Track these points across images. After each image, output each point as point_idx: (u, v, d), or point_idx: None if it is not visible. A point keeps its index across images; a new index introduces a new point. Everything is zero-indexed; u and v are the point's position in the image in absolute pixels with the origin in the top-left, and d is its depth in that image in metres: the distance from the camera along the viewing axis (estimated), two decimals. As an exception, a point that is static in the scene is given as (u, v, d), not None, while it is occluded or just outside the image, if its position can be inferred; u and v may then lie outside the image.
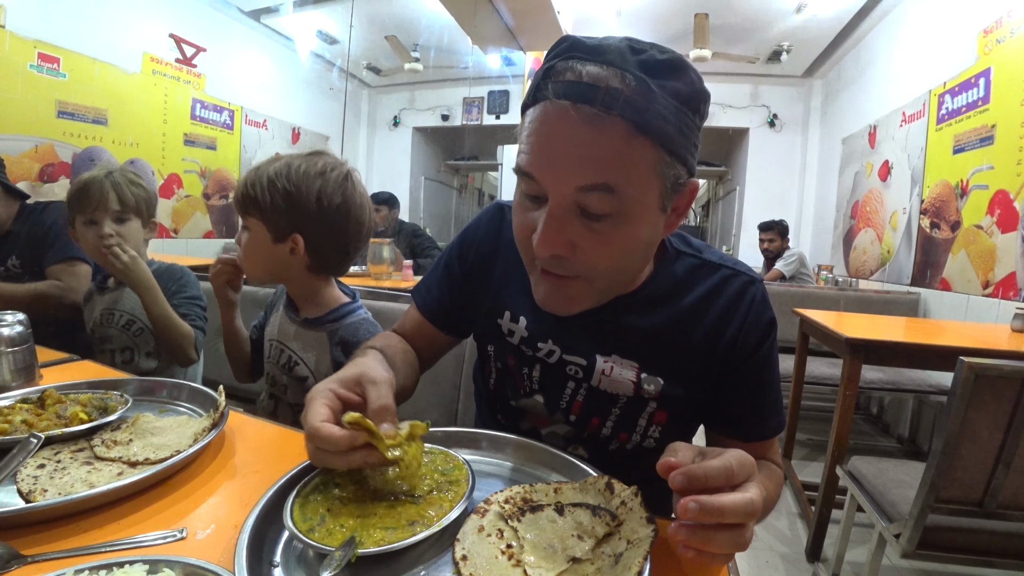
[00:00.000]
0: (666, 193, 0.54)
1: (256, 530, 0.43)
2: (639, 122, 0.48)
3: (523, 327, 0.70)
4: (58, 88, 3.09)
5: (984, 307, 2.41)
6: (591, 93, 0.48)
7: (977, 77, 2.59)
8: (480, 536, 0.42)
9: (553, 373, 0.70)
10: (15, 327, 0.77)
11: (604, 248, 0.54)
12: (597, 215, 0.52)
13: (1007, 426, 1.04)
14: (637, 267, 0.63)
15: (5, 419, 0.61)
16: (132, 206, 1.23)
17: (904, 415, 2.93)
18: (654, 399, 0.67)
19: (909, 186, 3.18)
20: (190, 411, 0.74)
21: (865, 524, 1.76)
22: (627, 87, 0.48)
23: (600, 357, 0.67)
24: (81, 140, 3.25)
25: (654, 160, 0.51)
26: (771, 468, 0.69)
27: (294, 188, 0.90)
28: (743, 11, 4.01)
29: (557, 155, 0.51)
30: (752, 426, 0.69)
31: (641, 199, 0.52)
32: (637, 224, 0.54)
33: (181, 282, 1.30)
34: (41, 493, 0.49)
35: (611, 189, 0.50)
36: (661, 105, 0.49)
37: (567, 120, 0.49)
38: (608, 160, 0.49)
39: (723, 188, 6.91)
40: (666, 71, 0.51)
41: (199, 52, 4.01)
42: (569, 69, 0.50)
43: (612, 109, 0.47)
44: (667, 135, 0.50)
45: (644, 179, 0.51)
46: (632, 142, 0.49)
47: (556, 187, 0.52)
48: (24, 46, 2.91)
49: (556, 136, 0.50)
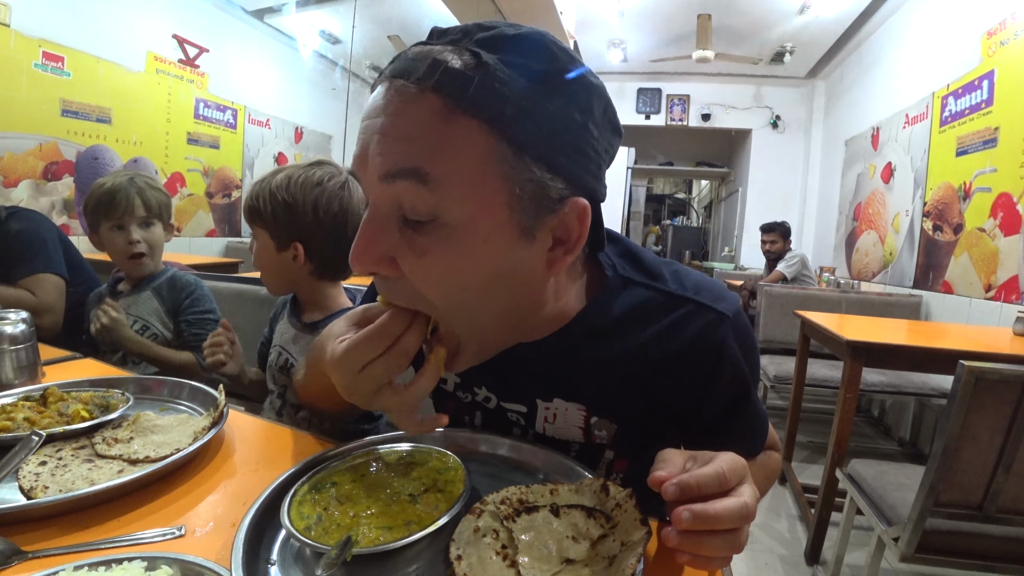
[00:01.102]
0: (519, 205, 0.42)
1: (253, 528, 0.44)
2: (459, 96, 0.39)
3: (453, 373, 0.63)
4: (62, 87, 3.10)
5: (986, 310, 2.41)
6: (409, 67, 0.40)
7: (981, 79, 2.59)
8: (475, 537, 0.43)
9: (495, 418, 0.63)
10: (19, 325, 0.78)
11: (427, 271, 0.43)
12: (414, 220, 0.42)
13: (1007, 430, 1.04)
14: (495, 306, 0.48)
15: (8, 416, 0.62)
16: (156, 211, 1.27)
17: (906, 418, 2.92)
18: (608, 446, 0.59)
19: (912, 188, 3.17)
20: (190, 410, 0.74)
21: (864, 527, 1.76)
22: (458, 60, 0.40)
23: (541, 403, 0.59)
24: (85, 139, 3.27)
25: (486, 150, 0.40)
26: (767, 454, 0.66)
27: (292, 199, 0.95)
28: (746, 12, 4.00)
29: (368, 140, 0.42)
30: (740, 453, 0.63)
31: (471, 203, 0.41)
32: (470, 242, 0.42)
33: (193, 296, 1.29)
34: (43, 490, 0.49)
35: (423, 178, 0.40)
36: (500, 80, 0.39)
37: (383, 98, 0.41)
38: (415, 139, 0.40)
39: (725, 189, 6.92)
40: (516, 47, 0.41)
41: (202, 53, 4.02)
42: (407, 50, 0.42)
43: (426, 81, 0.39)
44: (505, 119, 0.40)
45: (472, 174, 0.40)
46: (451, 122, 0.39)
47: (365, 178, 0.44)
48: (29, 45, 2.92)
49: (369, 119, 0.43)
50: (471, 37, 0.41)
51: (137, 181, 1.26)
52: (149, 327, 1.26)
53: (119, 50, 3.42)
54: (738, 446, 0.53)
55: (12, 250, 1.44)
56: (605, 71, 5.43)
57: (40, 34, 2.96)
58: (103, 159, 3.37)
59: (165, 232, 1.32)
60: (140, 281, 1.30)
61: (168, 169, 3.88)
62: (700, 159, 6.92)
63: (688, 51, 4.43)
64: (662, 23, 4.34)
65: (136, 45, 3.55)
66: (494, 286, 0.46)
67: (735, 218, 5.82)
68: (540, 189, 0.42)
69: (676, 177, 9.16)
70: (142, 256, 1.26)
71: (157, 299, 1.29)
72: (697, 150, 6.86)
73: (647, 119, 5.54)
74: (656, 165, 7.05)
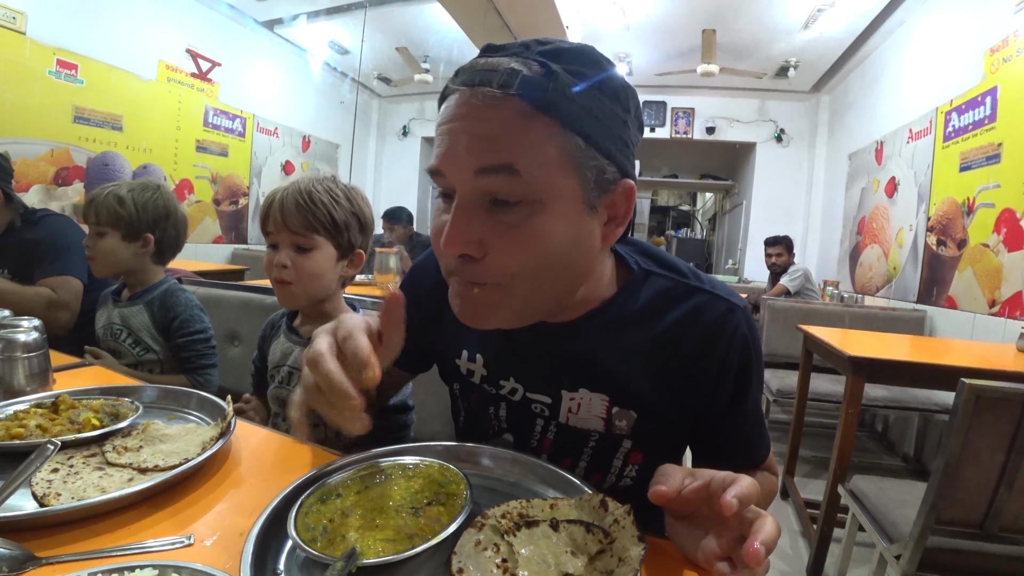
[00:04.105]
0: (586, 184, 0.50)
1: (261, 538, 0.45)
2: (539, 100, 0.46)
3: (481, 365, 0.68)
4: (75, 94, 3.16)
5: (990, 326, 2.40)
6: (489, 76, 0.47)
7: (984, 95, 2.60)
8: (476, 550, 0.44)
9: (519, 410, 0.67)
10: (31, 333, 0.79)
11: (516, 244, 0.49)
12: (506, 201, 0.48)
13: (1009, 448, 1.04)
14: (566, 274, 0.54)
15: (20, 423, 0.63)
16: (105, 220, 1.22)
17: (909, 433, 2.91)
18: (627, 437, 0.63)
19: (916, 203, 3.18)
20: (198, 419, 0.75)
21: (867, 544, 1.75)
22: (528, 69, 0.47)
23: (566, 393, 0.63)
24: (96, 145, 3.32)
25: (563, 143, 0.48)
26: (765, 476, 0.69)
27: (358, 208, 1.01)
28: (751, 27, 4.04)
29: (457, 141, 0.48)
30: (742, 459, 0.66)
31: (554, 185, 0.48)
32: (553, 217, 0.49)
33: (181, 318, 1.24)
34: (55, 497, 0.50)
35: (514, 170, 0.47)
36: (566, 84, 0.47)
37: (465, 105, 0.48)
38: (506, 137, 0.47)
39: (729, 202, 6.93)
40: (572, 57, 0.49)
41: (214, 67, 4.08)
42: (477, 62, 0.50)
43: (508, 88, 0.46)
44: (578, 117, 0.48)
45: (553, 163, 0.48)
46: (533, 121, 0.47)
47: (458, 174, 0.49)
48: (44, 52, 2.98)
49: (455, 122, 0.49)
50: (532, 50, 0.49)
51: (111, 188, 1.24)
52: (140, 341, 1.25)
53: (132, 59, 3.48)
54: (745, 446, 0.64)
55: (39, 250, 1.52)
56: (610, 83, 5.47)
57: (55, 42, 3.02)
58: (113, 165, 3.42)
59: (127, 243, 1.25)
60: (136, 292, 1.29)
61: (177, 176, 3.93)
62: (704, 172, 6.94)
63: (693, 65, 4.47)
64: (667, 38, 4.38)
65: (148, 54, 3.62)
66: (567, 255, 0.52)
67: (739, 231, 5.83)
68: (600, 172, 0.50)
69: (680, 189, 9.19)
70: (92, 259, 1.25)
71: (148, 313, 1.26)
72: (701, 163, 6.89)
73: (652, 131, 5.57)
74: (661, 177, 7.08)
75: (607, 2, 3.80)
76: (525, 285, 0.52)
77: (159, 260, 1.33)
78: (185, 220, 1.38)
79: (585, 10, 3.88)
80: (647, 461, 0.65)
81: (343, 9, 4.21)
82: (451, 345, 0.71)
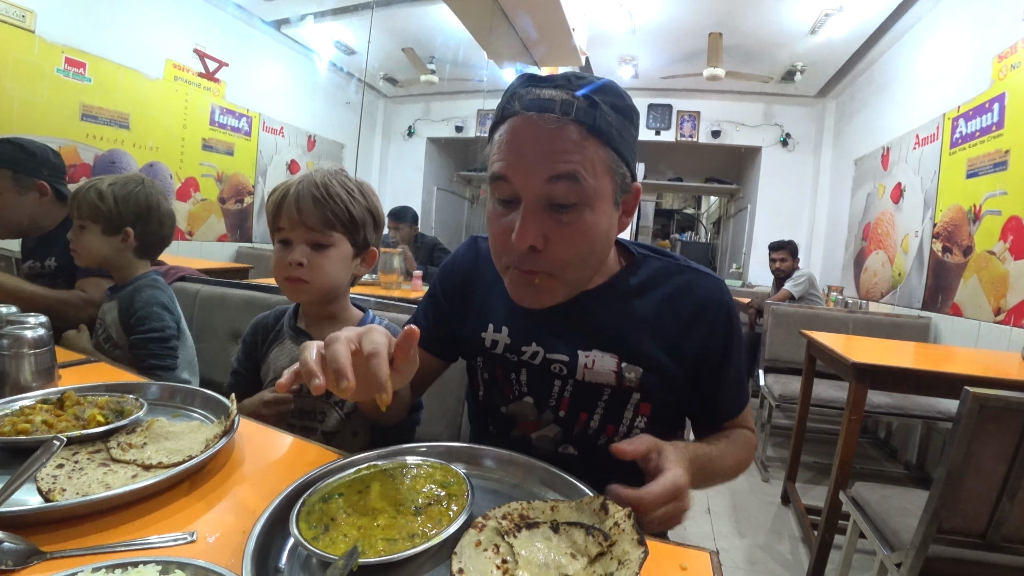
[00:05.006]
0: (617, 189, 0.65)
1: (263, 536, 0.45)
2: (590, 125, 0.60)
3: (505, 335, 0.77)
4: (83, 92, 3.18)
5: (995, 334, 2.39)
6: (551, 105, 0.60)
7: (991, 102, 2.59)
8: (477, 551, 0.44)
9: (539, 374, 0.76)
10: (37, 330, 0.80)
11: (571, 237, 0.63)
12: (564, 205, 0.61)
13: (1012, 458, 1.04)
14: (598, 257, 0.69)
15: (26, 419, 0.64)
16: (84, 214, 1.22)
17: (912, 441, 2.89)
18: (636, 389, 0.73)
19: (921, 209, 3.16)
20: (202, 417, 0.76)
21: (867, 551, 1.74)
22: (578, 100, 0.60)
23: (582, 352, 0.73)
24: (103, 143, 3.33)
25: (606, 157, 0.62)
26: (744, 435, 0.79)
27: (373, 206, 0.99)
28: (757, 31, 4.03)
29: (527, 155, 0.61)
30: (727, 411, 0.79)
31: (599, 190, 0.62)
32: (597, 214, 0.63)
33: (139, 315, 1.21)
34: (60, 492, 0.51)
35: (575, 178, 0.60)
36: (605, 113, 0.61)
37: (534, 127, 0.60)
38: (570, 153, 0.60)
39: (734, 206, 6.91)
40: (604, 91, 0.63)
41: (221, 67, 4.10)
42: (530, 92, 0.62)
43: (568, 115, 0.59)
44: (613, 137, 0.62)
45: (600, 172, 0.62)
46: (587, 141, 0.60)
47: (529, 183, 0.61)
48: (52, 51, 3.00)
49: (526, 140, 0.61)
50: (573, 83, 0.62)
51: (93, 182, 1.23)
52: (110, 337, 1.24)
53: (139, 58, 3.50)
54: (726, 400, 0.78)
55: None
56: (616, 86, 5.46)
57: (64, 41, 3.04)
58: (120, 163, 3.44)
59: (107, 236, 1.24)
60: (116, 287, 1.29)
61: (183, 174, 3.95)
62: (709, 175, 6.92)
63: (699, 69, 4.46)
64: (673, 41, 4.37)
65: (156, 53, 3.64)
66: (603, 242, 0.67)
67: (743, 235, 5.81)
68: (624, 177, 0.66)
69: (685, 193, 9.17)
70: (74, 252, 1.25)
71: (118, 308, 1.24)
72: (706, 166, 6.87)
73: (657, 135, 5.56)
74: (665, 180, 7.06)
75: (614, 5, 3.80)
76: (574, 272, 0.66)
77: (143, 255, 1.31)
78: (171, 215, 1.34)
79: (591, 13, 3.88)
80: (655, 413, 0.74)
81: (350, 10, 4.22)
82: (478, 322, 0.80)
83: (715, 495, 2.44)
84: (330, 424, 0.94)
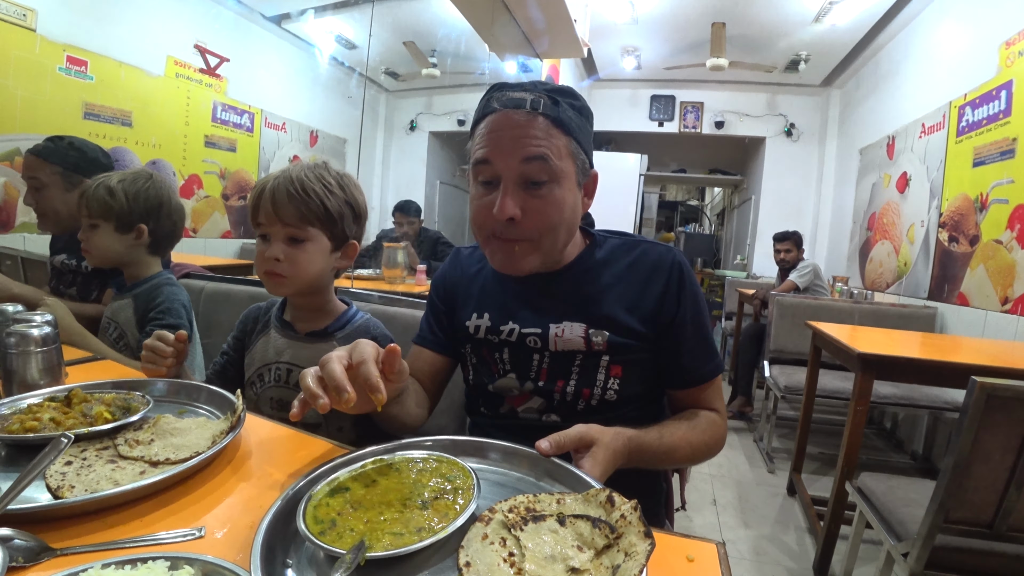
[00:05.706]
0: (579, 172, 0.78)
1: (270, 531, 0.45)
2: (555, 118, 0.73)
3: (487, 319, 0.87)
4: (85, 90, 3.18)
5: (1002, 324, 2.38)
6: (522, 102, 0.73)
7: (998, 90, 2.56)
8: (483, 544, 0.44)
9: (518, 351, 0.84)
10: (44, 328, 0.80)
11: (544, 208, 0.75)
12: (537, 182, 0.73)
13: (1019, 447, 1.03)
14: (567, 228, 0.79)
15: (34, 416, 0.65)
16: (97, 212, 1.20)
17: (918, 431, 2.89)
18: (604, 352, 0.80)
19: (927, 198, 3.14)
20: (209, 413, 0.76)
21: (874, 541, 1.74)
22: (544, 99, 0.74)
23: (553, 325, 0.82)
24: (106, 141, 3.33)
25: (568, 144, 0.75)
26: (709, 417, 0.83)
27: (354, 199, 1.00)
28: (761, 21, 3.99)
29: (505, 142, 0.73)
30: (692, 371, 0.83)
31: (565, 171, 0.75)
32: (564, 191, 0.76)
33: (159, 308, 1.20)
34: (69, 489, 0.51)
35: (545, 159, 0.72)
36: (566, 109, 0.75)
37: (510, 119, 0.73)
38: (540, 139, 0.72)
39: (738, 197, 6.87)
40: (564, 93, 0.77)
41: (223, 62, 4.09)
42: (504, 94, 0.75)
43: (537, 110, 0.73)
44: (573, 129, 0.75)
45: (564, 156, 0.75)
46: (552, 130, 0.73)
47: (508, 163, 0.73)
48: (54, 49, 2.99)
49: (503, 130, 0.73)
50: (539, 88, 0.76)
51: (102, 179, 1.21)
52: (124, 336, 1.22)
53: (141, 55, 3.49)
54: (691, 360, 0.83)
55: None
56: (619, 78, 5.43)
57: (65, 39, 3.04)
58: (123, 161, 3.44)
59: (120, 234, 1.22)
60: (130, 285, 1.27)
61: (186, 171, 3.95)
62: (713, 166, 6.88)
63: (702, 59, 4.42)
64: (676, 31, 4.33)
65: (157, 50, 3.63)
66: (571, 216, 0.78)
67: (748, 226, 5.78)
68: (583, 163, 0.79)
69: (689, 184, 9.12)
70: (87, 252, 1.23)
71: (133, 307, 1.23)
72: (710, 157, 6.83)
73: (660, 126, 5.52)
74: (669, 172, 7.02)
75: (615, -5, 3.77)
76: (548, 239, 0.77)
77: (155, 251, 1.30)
78: (181, 209, 1.33)
79: (593, 3, 3.84)
80: (626, 374, 0.82)
81: (350, 4, 4.20)
82: (463, 312, 0.90)
83: (721, 487, 2.44)
84: (311, 416, 0.95)
